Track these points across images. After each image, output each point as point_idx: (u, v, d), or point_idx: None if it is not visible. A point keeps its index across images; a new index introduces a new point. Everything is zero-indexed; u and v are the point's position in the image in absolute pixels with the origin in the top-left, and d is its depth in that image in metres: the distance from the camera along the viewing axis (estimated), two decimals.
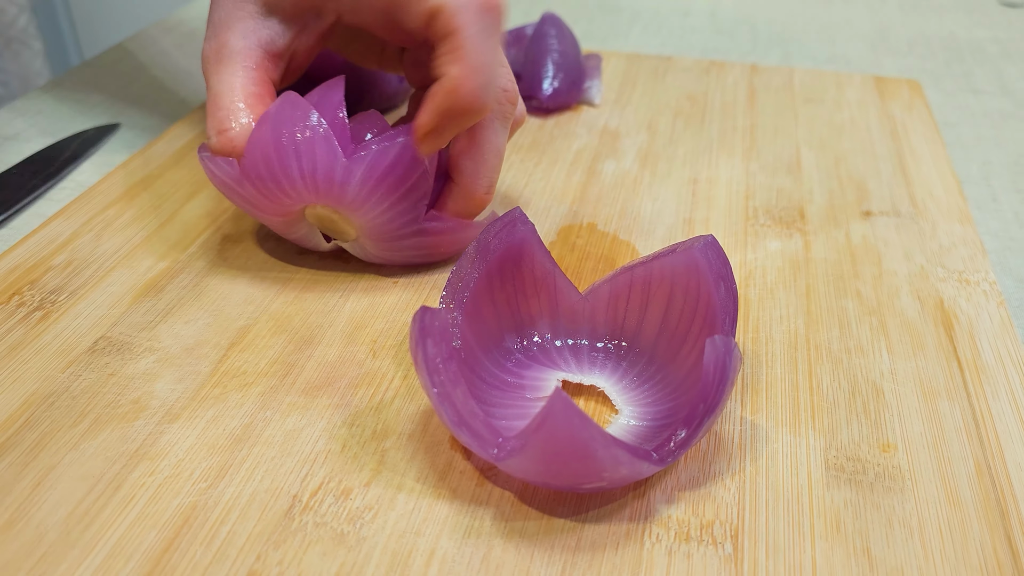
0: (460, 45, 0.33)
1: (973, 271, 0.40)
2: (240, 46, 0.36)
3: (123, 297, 0.37)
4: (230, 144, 0.35)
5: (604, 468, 0.25)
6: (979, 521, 0.28)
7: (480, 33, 0.33)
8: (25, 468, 0.29)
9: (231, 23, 0.36)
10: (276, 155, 0.33)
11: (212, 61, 0.37)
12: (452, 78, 0.33)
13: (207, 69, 0.37)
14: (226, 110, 0.35)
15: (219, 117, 0.35)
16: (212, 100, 0.36)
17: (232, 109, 0.35)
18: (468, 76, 0.33)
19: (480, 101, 0.33)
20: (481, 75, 0.33)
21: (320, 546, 0.27)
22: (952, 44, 0.70)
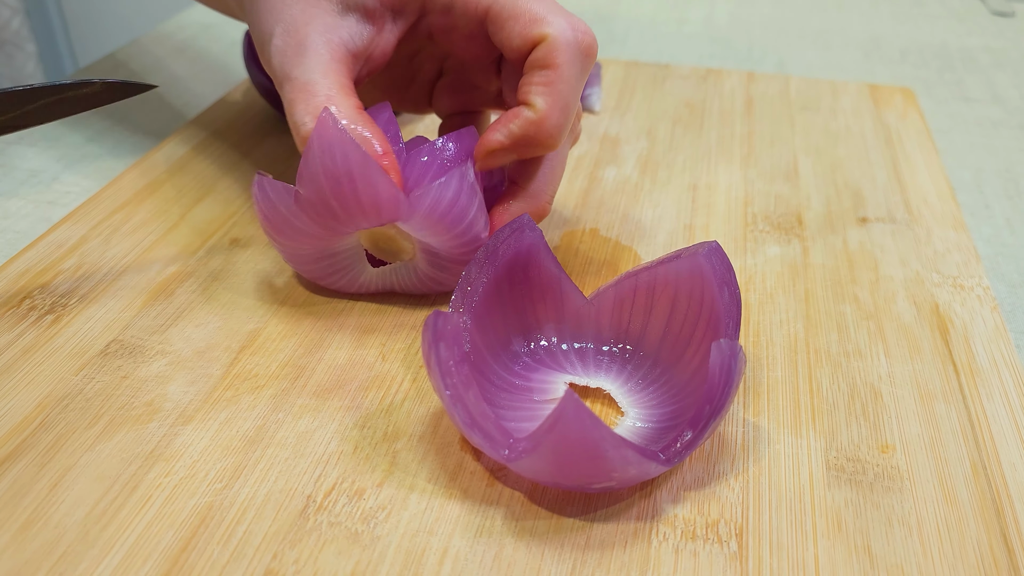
0: (555, 81, 0.33)
1: (967, 276, 0.41)
2: (322, 40, 0.34)
3: (133, 301, 0.37)
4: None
5: (614, 468, 0.26)
6: (975, 519, 0.29)
7: (575, 75, 0.34)
8: (42, 469, 0.30)
9: (308, 20, 0.35)
10: (332, 188, 0.32)
11: (292, 54, 0.34)
12: (540, 110, 0.33)
13: (286, 63, 0.35)
14: (322, 96, 0.33)
15: (315, 104, 0.33)
16: (301, 88, 0.34)
17: (329, 94, 0.34)
18: (555, 113, 0.33)
19: (557, 139, 0.34)
20: (566, 115, 0.34)
21: (335, 545, 0.27)
22: (944, 52, 0.71)
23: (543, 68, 0.34)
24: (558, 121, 0.34)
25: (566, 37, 0.33)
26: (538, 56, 0.34)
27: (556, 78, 0.33)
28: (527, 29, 0.34)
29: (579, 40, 0.34)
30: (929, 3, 0.83)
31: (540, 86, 0.34)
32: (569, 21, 0.34)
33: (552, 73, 0.33)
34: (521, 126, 0.34)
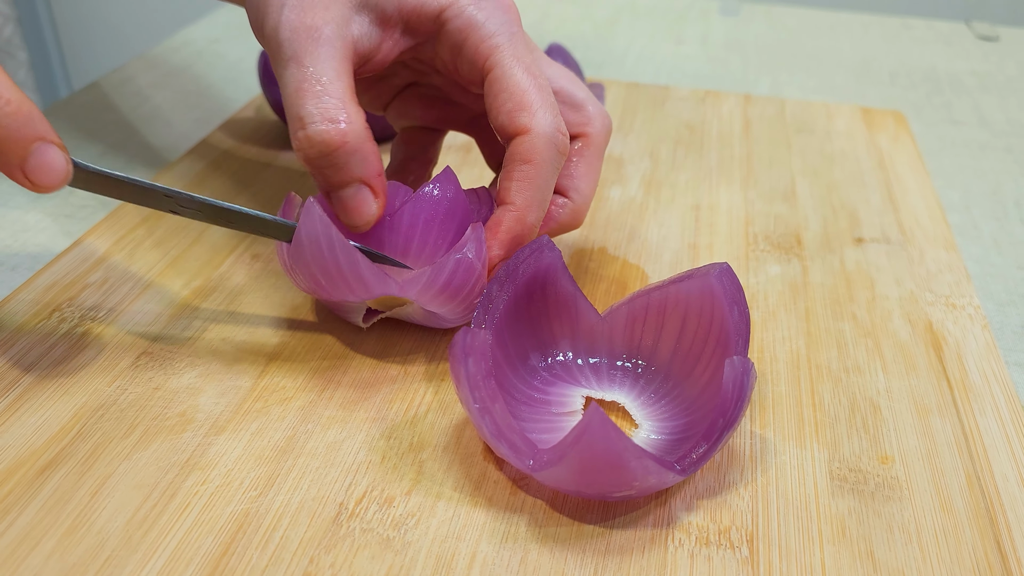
0: (531, 177, 0.34)
1: (959, 296, 0.43)
2: (337, 33, 0.33)
3: (160, 315, 0.39)
4: (342, 138, 0.32)
5: (635, 478, 0.28)
6: (971, 527, 0.30)
7: (550, 172, 0.35)
8: (82, 477, 0.31)
9: (326, 4, 0.34)
10: (323, 274, 0.33)
11: (305, 37, 0.33)
12: (519, 208, 0.35)
13: (298, 43, 0.33)
14: (335, 98, 0.32)
15: (327, 104, 0.32)
16: (312, 81, 0.32)
17: (342, 98, 0.32)
18: (532, 209, 0.35)
19: (535, 229, 0.36)
20: (543, 207, 0.35)
21: (368, 550, 0.29)
22: (932, 76, 0.73)
23: (522, 163, 0.35)
24: (536, 216, 0.35)
25: (546, 136, 0.34)
26: (519, 149, 0.35)
27: (533, 174, 0.35)
28: (514, 114, 0.34)
29: (557, 140, 0.35)
30: (917, 27, 0.85)
31: (519, 182, 0.35)
32: (552, 119, 0.35)
33: (530, 169, 0.34)
34: (508, 229, 0.35)
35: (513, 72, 0.35)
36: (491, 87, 0.35)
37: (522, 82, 0.35)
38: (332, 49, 0.33)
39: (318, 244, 0.32)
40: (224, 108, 0.60)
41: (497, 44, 0.35)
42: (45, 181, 0.30)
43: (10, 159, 0.29)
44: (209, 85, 0.64)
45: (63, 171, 0.30)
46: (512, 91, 0.34)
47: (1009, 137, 0.63)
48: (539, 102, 0.34)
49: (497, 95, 0.35)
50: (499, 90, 0.35)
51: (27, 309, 0.39)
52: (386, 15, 0.35)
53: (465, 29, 0.35)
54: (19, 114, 0.29)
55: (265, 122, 0.57)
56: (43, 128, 0.29)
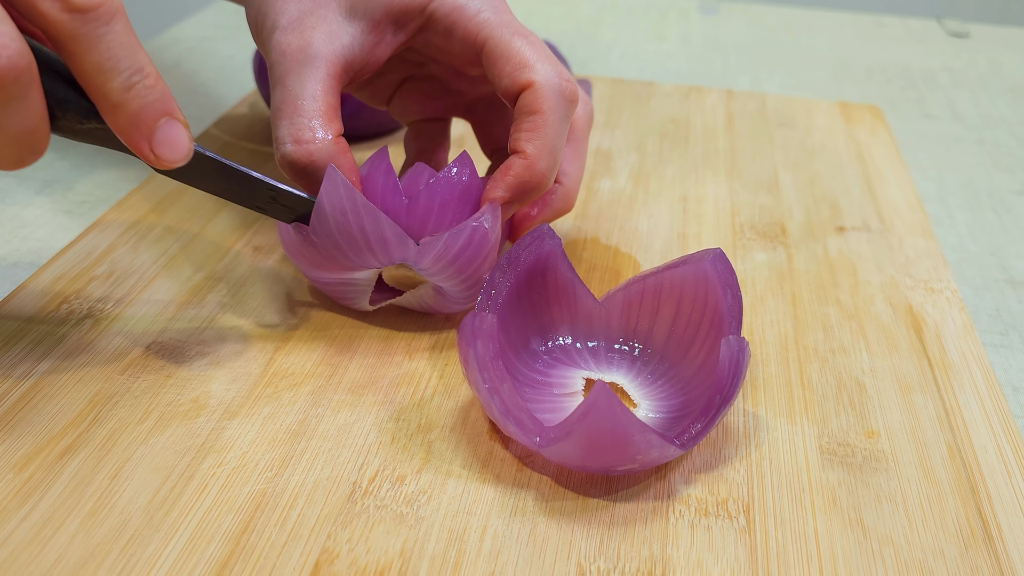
0: (542, 126, 0.36)
1: (937, 280, 0.44)
2: (325, 50, 0.35)
3: (168, 305, 0.40)
4: (308, 157, 0.35)
5: (638, 451, 0.29)
6: (953, 496, 0.32)
7: (559, 119, 0.36)
8: (101, 461, 0.32)
9: (316, 22, 0.36)
10: (346, 241, 0.34)
11: (293, 59, 0.35)
12: (529, 155, 0.36)
13: (284, 65, 0.36)
14: (307, 118, 0.35)
15: (299, 125, 0.35)
16: (290, 103, 0.35)
17: (313, 118, 0.35)
18: (543, 156, 0.36)
19: (549, 179, 0.37)
20: (554, 156, 0.36)
21: (383, 525, 0.30)
22: (906, 72, 0.75)
23: (530, 114, 0.36)
24: (547, 163, 0.36)
25: (551, 85, 0.36)
26: (526, 102, 0.36)
27: (542, 123, 0.36)
28: (516, 73, 0.36)
29: (563, 87, 0.36)
30: (891, 25, 0.88)
31: (528, 132, 0.36)
32: (555, 69, 0.36)
33: (538, 119, 0.36)
34: (516, 175, 0.36)
35: (505, 38, 0.36)
36: (489, 58, 0.36)
37: (516, 43, 0.36)
38: (316, 69, 0.35)
39: (342, 208, 0.33)
40: (218, 105, 0.61)
41: (485, 19, 0.37)
42: (170, 156, 0.30)
43: (141, 131, 0.30)
44: (201, 83, 0.65)
45: (186, 148, 0.31)
46: (510, 55, 0.36)
47: (981, 130, 0.65)
48: (537, 56, 0.36)
49: (496, 63, 0.36)
50: (497, 57, 0.36)
51: (35, 301, 0.39)
52: (375, 20, 0.37)
53: (452, 13, 0.37)
54: (156, 88, 0.29)
55: (260, 118, 0.58)
56: (172, 104, 0.30)
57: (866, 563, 0.29)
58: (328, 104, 0.35)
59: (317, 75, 0.35)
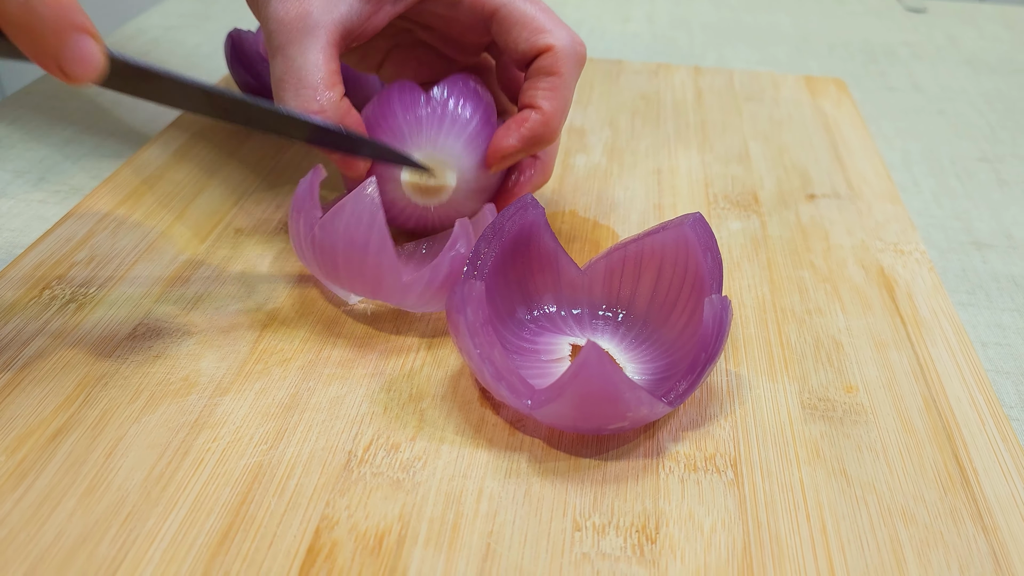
0: (559, 87, 0.38)
1: (905, 243, 0.46)
2: (325, 19, 0.36)
3: (152, 287, 0.40)
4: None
5: (629, 408, 0.30)
6: (930, 444, 0.33)
7: (573, 80, 0.39)
8: (94, 441, 0.32)
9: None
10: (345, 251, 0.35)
11: (294, 28, 0.36)
12: (547, 112, 0.38)
13: (284, 35, 0.36)
14: (311, 88, 0.36)
15: (304, 96, 0.36)
16: (294, 74, 0.36)
17: (318, 87, 0.36)
18: (559, 114, 0.38)
19: (559, 134, 0.39)
20: (565, 114, 0.39)
21: (381, 491, 0.30)
22: (867, 47, 0.77)
23: (548, 75, 0.38)
24: (560, 120, 0.39)
25: (568, 49, 0.38)
26: (544, 64, 0.38)
27: (560, 84, 0.38)
28: (534, 38, 0.38)
29: (578, 51, 0.39)
30: (850, 2, 0.89)
31: (546, 91, 0.38)
32: (569, 34, 0.38)
33: (557, 80, 0.38)
34: (531, 128, 0.38)
35: (518, 5, 0.38)
36: (502, 24, 0.38)
37: (530, 10, 0.38)
38: (315, 38, 0.36)
39: (359, 216, 0.34)
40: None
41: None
42: (80, 73, 0.29)
43: (45, 49, 0.28)
44: None
45: (99, 63, 0.29)
46: (525, 21, 0.38)
47: (941, 102, 0.67)
48: (552, 22, 0.38)
49: (511, 29, 0.38)
50: (512, 24, 0.38)
51: (16, 288, 0.39)
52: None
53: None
54: (57, 3, 0.28)
55: None
56: (80, 18, 0.28)
57: (851, 510, 0.30)
58: (330, 71, 0.36)
59: (318, 44, 0.36)
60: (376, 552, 0.28)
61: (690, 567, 0.28)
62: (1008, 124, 0.63)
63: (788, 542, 0.29)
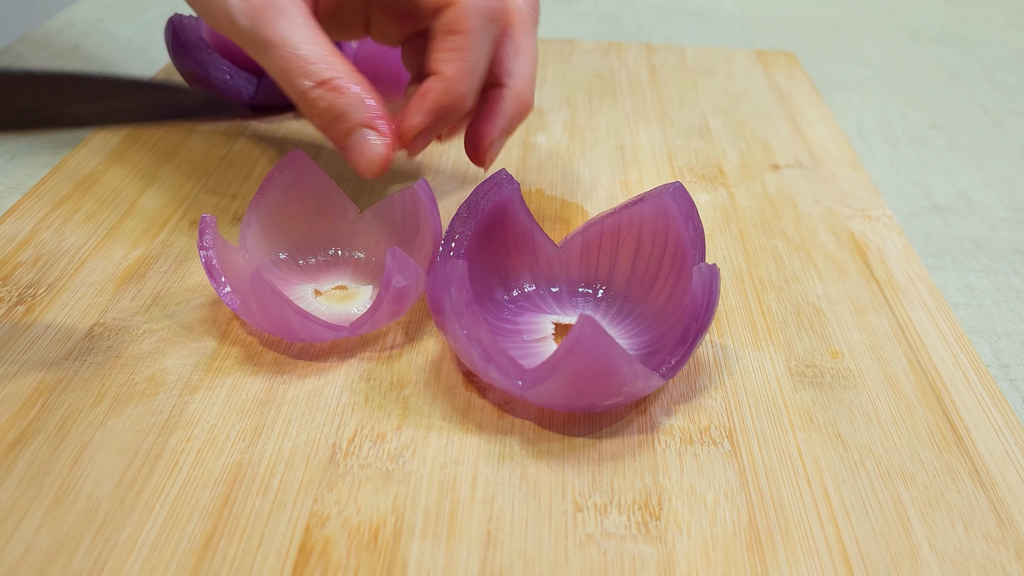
0: (463, 46, 0.34)
1: (872, 208, 0.46)
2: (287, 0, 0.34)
3: (106, 285, 0.37)
4: (338, 92, 0.33)
5: (624, 383, 0.29)
6: (920, 405, 0.33)
7: (482, 39, 0.34)
8: (57, 449, 0.30)
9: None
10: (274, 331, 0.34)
11: (263, 17, 0.33)
12: (449, 77, 0.34)
13: (257, 26, 0.33)
14: (319, 63, 0.33)
15: (316, 71, 0.33)
16: (293, 58, 0.33)
17: (323, 60, 0.33)
18: (463, 78, 0.34)
19: (469, 99, 0.35)
20: (474, 77, 0.35)
21: (371, 483, 0.29)
22: (811, 22, 0.77)
23: (450, 33, 0.34)
24: (467, 84, 0.35)
25: (474, 3, 0.34)
26: (445, 21, 0.34)
27: (464, 43, 0.34)
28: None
29: (488, 6, 0.34)
30: None
31: (448, 52, 0.34)
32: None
33: (459, 38, 0.34)
34: (435, 98, 0.35)
35: None
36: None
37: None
38: (292, 18, 0.34)
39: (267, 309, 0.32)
40: None
41: None
42: None
43: None
44: (104, 65, 0.61)
45: None
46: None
47: (888, 73, 0.68)
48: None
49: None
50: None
51: None
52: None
53: None
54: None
55: None
56: None
57: (850, 474, 0.30)
58: (326, 40, 0.34)
59: (298, 20, 0.34)
60: (372, 547, 0.27)
61: (697, 541, 0.27)
62: (953, 92, 0.64)
63: (792, 510, 0.29)
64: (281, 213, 0.38)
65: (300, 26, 0.34)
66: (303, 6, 0.34)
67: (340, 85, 0.33)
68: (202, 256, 0.34)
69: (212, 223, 0.35)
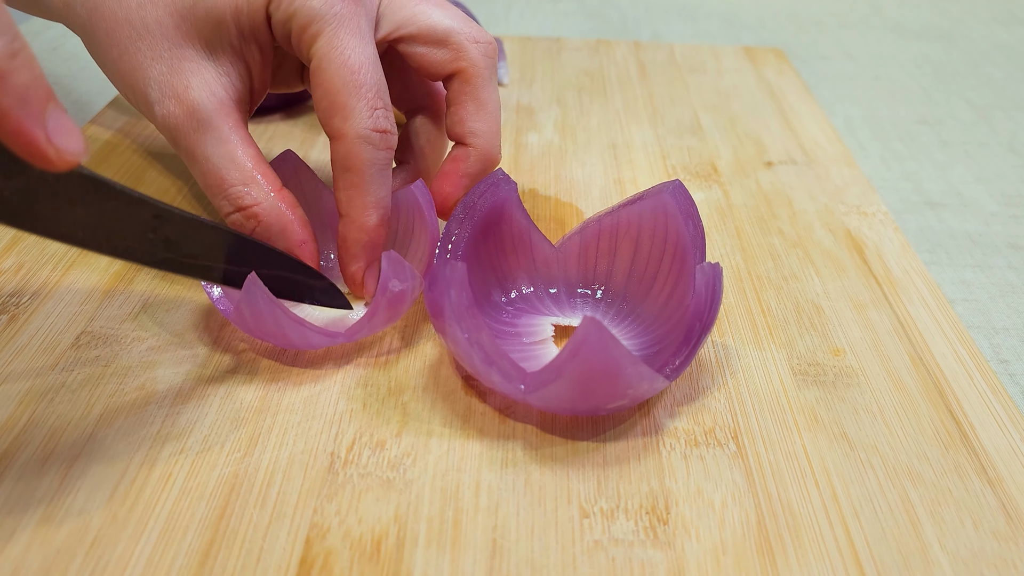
0: (357, 184, 0.33)
1: (867, 205, 0.46)
2: (213, 105, 0.32)
3: (92, 293, 0.36)
4: (254, 223, 0.33)
5: (630, 385, 0.28)
6: (924, 401, 0.33)
7: (375, 169, 0.33)
8: (44, 463, 0.29)
9: (185, 81, 0.32)
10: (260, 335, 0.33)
11: (188, 130, 0.32)
12: (354, 218, 0.33)
13: (184, 139, 0.33)
14: (239, 185, 0.32)
15: (234, 195, 0.32)
16: (214, 175, 0.32)
17: (244, 183, 0.32)
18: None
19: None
20: (378, 206, 0.33)
21: (372, 493, 0.28)
22: (796, 18, 0.77)
23: (344, 171, 0.33)
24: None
25: (360, 138, 0.32)
26: (338, 157, 0.33)
27: (358, 181, 0.33)
28: (329, 117, 0.32)
29: (373, 139, 0.32)
30: None
31: (346, 192, 0.33)
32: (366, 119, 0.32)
33: (353, 176, 0.33)
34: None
35: (329, 65, 0.32)
36: (312, 81, 0.33)
37: (336, 77, 0.32)
38: (214, 131, 0.32)
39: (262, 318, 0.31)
40: (94, 101, 0.57)
41: (317, 31, 0.32)
42: (71, 148, 0.22)
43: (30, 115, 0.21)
44: (83, 66, 0.60)
45: (82, 137, 0.23)
46: (327, 88, 0.32)
47: (874, 68, 0.67)
48: (352, 100, 0.32)
49: (315, 91, 0.32)
50: (316, 86, 0.32)
51: None
52: (233, 44, 0.33)
53: (286, 21, 0.32)
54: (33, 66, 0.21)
55: None
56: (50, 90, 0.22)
57: (858, 474, 0.30)
58: (251, 156, 0.33)
59: (220, 136, 0.32)
60: (375, 558, 0.26)
61: (707, 545, 0.27)
62: (940, 87, 0.64)
63: (801, 512, 0.28)
64: None
65: (222, 141, 0.32)
66: (231, 114, 0.33)
67: (257, 212, 0.32)
68: None
69: None
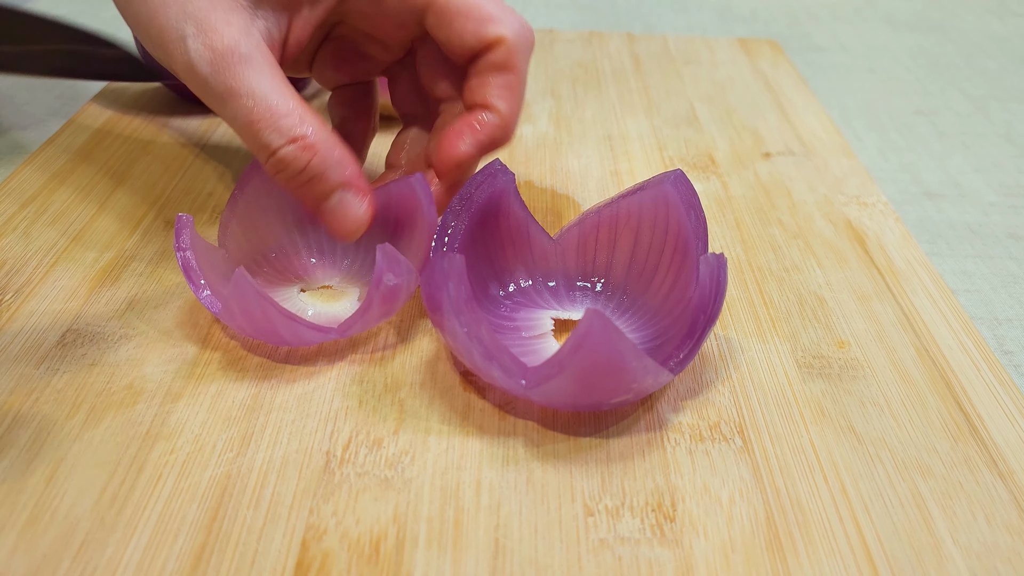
0: (515, 84, 0.34)
1: (867, 195, 0.45)
2: (255, 39, 0.31)
3: (77, 290, 0.35)
4: (310, 153, 0.31)
5: (634, 379, 0.28)
6: (931, 393, 0.32)
7: (526, 73, 0.35)
8: (30, 465, 0.28)
9: (225, 18, 0.31)
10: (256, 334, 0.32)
11: (226, 64, 0.30)
12: (504, 114, 0.34)
13: (219, 74, 0.31)
14: (289, 116, 0.30)
15: (286, 125, 0.30)
16: (260, 109, 0.30)
17: (297, 113, 0.31)
18: (516, 113, 0.35)
19: (514, 133, 0.36)
20: (521, 110, 0.35)
21: (370, 492, 0.27)
22: (789, 10, 0.77)
23: (502, 71, 0.34)
24: (517, 119, 0.35)
25: (521, 39, 0.34)
26: (496, 59, 0.34)
27: (515, 81, 0.34)
28: (481, 29, 0.33)
29: (529, 40, 0.35)
30: None
31: (502, 90, 0.34)
32: (519, 21, 0.34)
33: (512, 77, 0.34)
34: (489, 132, 0.34)
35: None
36: (440, 16, 0.34)
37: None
38: (257, 66, 0.31)
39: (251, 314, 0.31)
40: (85, 87, 0.56)
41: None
42: None
43: None
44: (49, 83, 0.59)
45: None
46: (468, 11, 0.34)
47: (869, 59, 0.67)
48: (499, 9, 0.34)
49: (452, 21, 0.34)
50: (453, 14, 0.33)
51: None
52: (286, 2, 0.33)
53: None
54: None
55: (145, 89, 0.53)
56: None
57: (867, 468, 0.29)
58: (293, 94, 0.31)
59: (264, 68, 0.31)
60: (374, 560, 0.25)
61: (715, 543, 0.26)
62: (935, 78, 0.64)
63: (810, 507, 0.27)
64: (262, 210, 0.36)
65: (267, 75, 0.31)
66: (269, 54, 0.32)
67: (314, 142, 0.31)
68: (179, 257, 0.32)
69: (189, 222, 0.33)
